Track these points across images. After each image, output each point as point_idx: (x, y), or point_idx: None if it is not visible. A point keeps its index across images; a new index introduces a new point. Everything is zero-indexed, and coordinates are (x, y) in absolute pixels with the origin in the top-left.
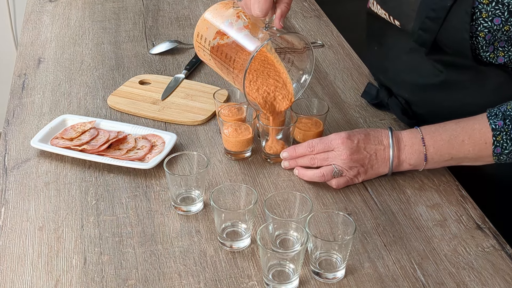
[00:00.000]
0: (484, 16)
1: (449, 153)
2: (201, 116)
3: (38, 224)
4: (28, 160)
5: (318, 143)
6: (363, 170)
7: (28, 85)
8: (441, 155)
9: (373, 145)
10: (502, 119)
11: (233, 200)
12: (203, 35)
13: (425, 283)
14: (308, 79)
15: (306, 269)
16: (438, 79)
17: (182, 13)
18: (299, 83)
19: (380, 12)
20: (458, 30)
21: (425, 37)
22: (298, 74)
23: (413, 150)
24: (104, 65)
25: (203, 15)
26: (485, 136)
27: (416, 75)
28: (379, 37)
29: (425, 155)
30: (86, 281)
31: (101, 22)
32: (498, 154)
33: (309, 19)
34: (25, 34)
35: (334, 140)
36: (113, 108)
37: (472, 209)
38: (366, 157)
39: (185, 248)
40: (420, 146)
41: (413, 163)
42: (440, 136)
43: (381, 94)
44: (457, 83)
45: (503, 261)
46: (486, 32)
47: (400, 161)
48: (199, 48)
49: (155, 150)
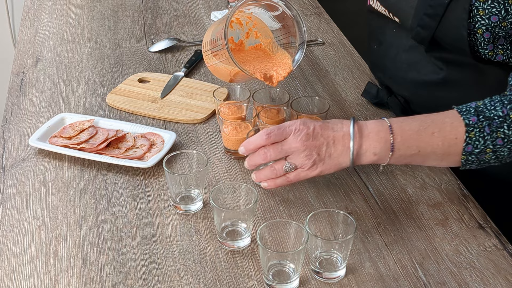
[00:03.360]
0: (481, 13)
1: (417, 146)
2: (200, 115)
3: (37, 223)
4: (26, 158)
5: (275, 129)
6: (319, 159)
7: (26, 83)
8: (408, 146)
9: (331, 131)
10: (475, 115)
11: (233, 199)
12: (205, 43)
13: (426, 282)
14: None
15: (306, 269)
16: (438, 76)
17: (181, 10)
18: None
19: (380, 9)
20: (456, 27)
21: (423, 34)
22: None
23: (379, 138)
24: (103, 63)
25: None
26: (456, 131)
27: (416, 72)
28: (378, 35)
29: (391, 145)
30: (84, 281)
31: (100, 20)
32: (468, 153)
33: (309, 16)
34: (23, 31)
35: (291, 126)
36: (112, 107)
37: (474, 208)
38: (323, 144)
39: (184, 248)
40: (387, 134)
41: (378, 153)
42: (409, 126)
43: (381, 93)
44: (457, 81)
45: (505, 261)
46: (484, 30)
47: (362, 149)
48: (206, 57)
49: (154, 149)
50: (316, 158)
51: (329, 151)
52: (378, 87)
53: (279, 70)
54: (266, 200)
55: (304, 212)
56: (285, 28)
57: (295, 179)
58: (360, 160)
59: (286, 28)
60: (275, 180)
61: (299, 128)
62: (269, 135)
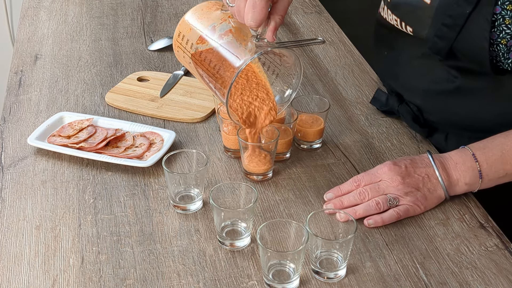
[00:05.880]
0: (507, 22)
1: (504, 169)
2: (200, 114)
3: (35, 223)
4: (25, 158)
5: (364, 176)
6: (421, 195)
7: (24, 82)
8: (495, 171)
9: (422, 167)
10: None
11: (233, 199)
12: (185, 36)
13: (427, 282)
14: (293, 95)
15: (306, 269)
16: (453, 85)
17: (181, 9)
18: (282, 97)
19: (391, 18)
20: (477, 38)
21: (440, 45)
22: (283, 88)
23: (466, 168)
24: (102, 61)
25: (185, 14)
26: None
27: (429, 81)
28: (389, 42)
29: (479, 172)
30: (83, 281)
31: (99, 18)
32: None
33: (309, 15)
34: (21, 30)
35: (379, 169)
36: (111, 106)
37: (475, 208)
38: (419, 180)
39: (184, 247)
40: (473, 163)
41: (469, 182)
42: (491, 152)
43: (391, 101)
44: (472, 90)
45: (507, 261)
46: (509, 39)
47: (453, 180)
48: (179, 48)
49: (154, 148)
50: (417, 195)
51: (427, 186)
52: (388, 95)
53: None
54: (266, 199)
55: (305, 211)
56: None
57: (405, 215)
58: (454, 190)
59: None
60: (382, 216)
61: (393, 168)
62: (359, 181)
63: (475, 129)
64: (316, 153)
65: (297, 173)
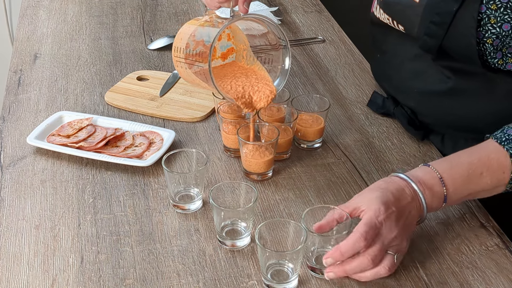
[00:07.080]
0: (492, 22)
1: (468, 189)
2: (200, 113)
3: (35, 222)
4: (24, 157)
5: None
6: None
7: (24, 81)
8: (460, 193)
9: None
10: None
11: (233, 198)
12: (178, 47)
13: (428, 282)
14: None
15: (305, 268)
16: (446, 86)
17: (180, 8)
18: (283, 72)
19: (383, 17)
20: (464, 36)
21: (430, 43)
22: (280, 67)
23: (433, 192)
24: (101, 60)
25: (179, 31)
26: (503, 166)
27: (422, 82)
28: (381, 44)
29: (445, 196)
30: (83, 281)
31: (99, 17)
32: None
33: (309, 14)
34: (21, 29)
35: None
36: (110, 105)
37: (476, 207)
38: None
39: (184, 247)
40: (441, 188)
41: (435, 207)
42: (458, 173)
43: (387, 103)
44: (466, 90)
45: (507, 260)
46: (494, 38)
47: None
48: (177, 62)
49: (153, 147)
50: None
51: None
52: (384, 97)
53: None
54: (266, 199)
55: None
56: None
57: (398, 262)
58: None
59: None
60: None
61: (386, 214)
62: (366, 238)
63: (471, 130)
64: (316, 152)
65: (297, 172)
